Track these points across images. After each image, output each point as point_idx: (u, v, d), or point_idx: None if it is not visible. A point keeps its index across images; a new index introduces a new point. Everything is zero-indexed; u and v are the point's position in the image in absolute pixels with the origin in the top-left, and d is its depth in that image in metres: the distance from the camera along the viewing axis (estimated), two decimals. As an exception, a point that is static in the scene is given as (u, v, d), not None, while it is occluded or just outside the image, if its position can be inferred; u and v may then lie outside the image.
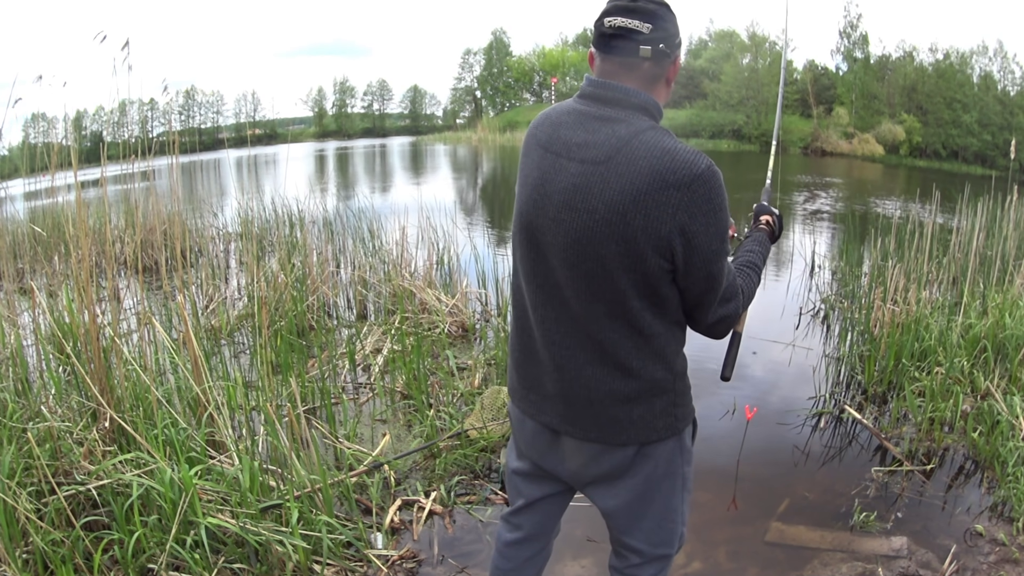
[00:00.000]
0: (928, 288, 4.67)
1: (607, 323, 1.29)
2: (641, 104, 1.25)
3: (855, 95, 31.94)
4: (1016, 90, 29.33)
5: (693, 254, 1.22)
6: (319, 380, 3.39)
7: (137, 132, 19.04)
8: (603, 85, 1.27)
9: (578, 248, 1.24)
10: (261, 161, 19.88)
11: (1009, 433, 2.89)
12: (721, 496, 2.77)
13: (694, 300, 1.30)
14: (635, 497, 1.45)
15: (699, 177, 1.18)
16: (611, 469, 1.41)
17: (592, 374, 1.34)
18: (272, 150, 28.10)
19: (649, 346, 1.31)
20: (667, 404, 1.37)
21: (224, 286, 5.27)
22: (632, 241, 1.20)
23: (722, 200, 1.22)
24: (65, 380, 2.91)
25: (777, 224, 1.70)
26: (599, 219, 1.21)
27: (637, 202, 1.18)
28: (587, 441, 1.39)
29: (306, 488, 2.34)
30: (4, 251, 5.00)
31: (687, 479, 1.50)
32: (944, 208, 6.17)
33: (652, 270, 1.23)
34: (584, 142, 1.24)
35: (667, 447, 1.41)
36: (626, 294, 1.25)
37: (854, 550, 2.38)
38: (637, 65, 1.25)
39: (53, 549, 1.97)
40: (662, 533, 1.50)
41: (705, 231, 1.20)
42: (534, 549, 1.68)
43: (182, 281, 4.50)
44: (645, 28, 1.22)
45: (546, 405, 1.42)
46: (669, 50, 1.26)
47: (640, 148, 1.19)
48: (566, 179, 1.25)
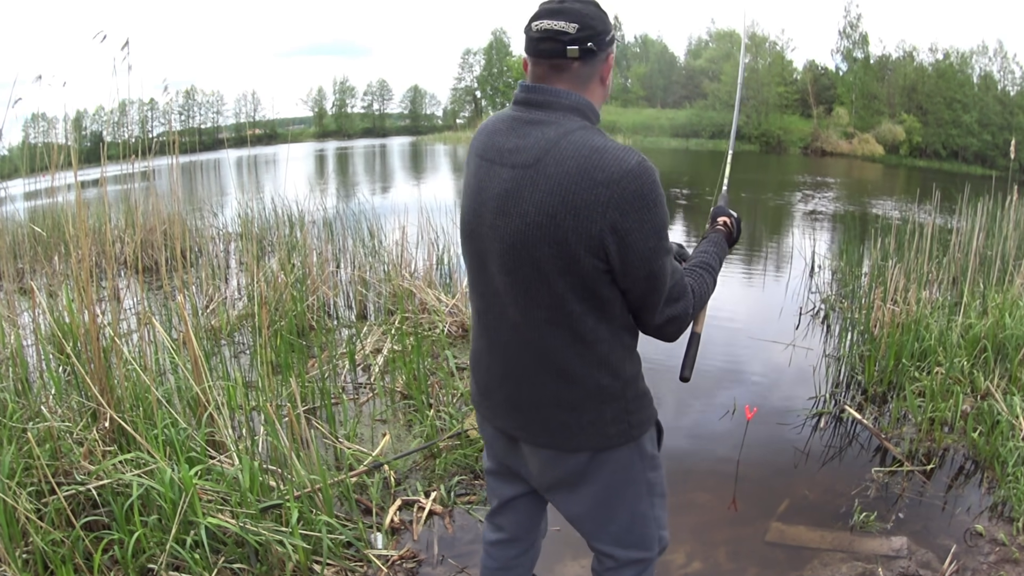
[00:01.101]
0: (928, 288, 4.67)
1: (548, 330, 1.27)
2: (572, 105, 1.24)
3: (855, 95, 31.97)
4: (1016, 90, 29.36)
5: (628, 252, 1.19)
6: (319, 380, 3.39)
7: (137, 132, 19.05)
8: (533, 89, 1.27)
9: (513, 253, 1.23)
10: (261, 161, 19.88)
11: (1009, 433, 2.89)
12: (721, 496, 2.77)
13: (638, 301, 1.28)
14: (596, 505, 1.43)
15: (628, 173, 1.16)
16: (567, 475, 1.40)
17: (538, 381, 1.33)
18: (272, 150, 28.09)
19: (592, 353, 1.28)
20: (618, 411, 1.35)
21: (224, 286, 5.27)
22: (564, 243, 1.18)
23: (656, 196, 1.19)
24: (65, 380, 2.91)
25: (735, 226, 1.66)
26: (530, 222, 1.20)
27: (566, 202, 1.17)
28: (540, 447, 1.39)
29: (306, 488, 2.34)
30: (4, 251, 5.00)
31: (654, 484, 1.47)
32: (944, 208, 6.17)
33: (587, 271, 1.21)
34: (515, 147, 1.24)
35: (623, 454, 1.39)
36: (564, 298, 1.23)
37: (854, 550, 2.38)
38: (566, 66, 1.24)
39: (53, 549, 1.97)
40: (632, 538, 1.49)
41: (639, 228, 1.18)
42: (519, 549, 1.68)
43: (182, 281, 4.50)
44: (572, 28, 1.21)
45: (500, 411, 1.42)
46: (598, 48, 1.24)
47: (568, 148, 1.18)
48: (499, 185, 1.25)
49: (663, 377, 4.10)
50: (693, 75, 37.12)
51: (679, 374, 1.53)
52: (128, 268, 5.78)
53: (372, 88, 50.60)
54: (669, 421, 3.51)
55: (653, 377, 4.41)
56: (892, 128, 30.01)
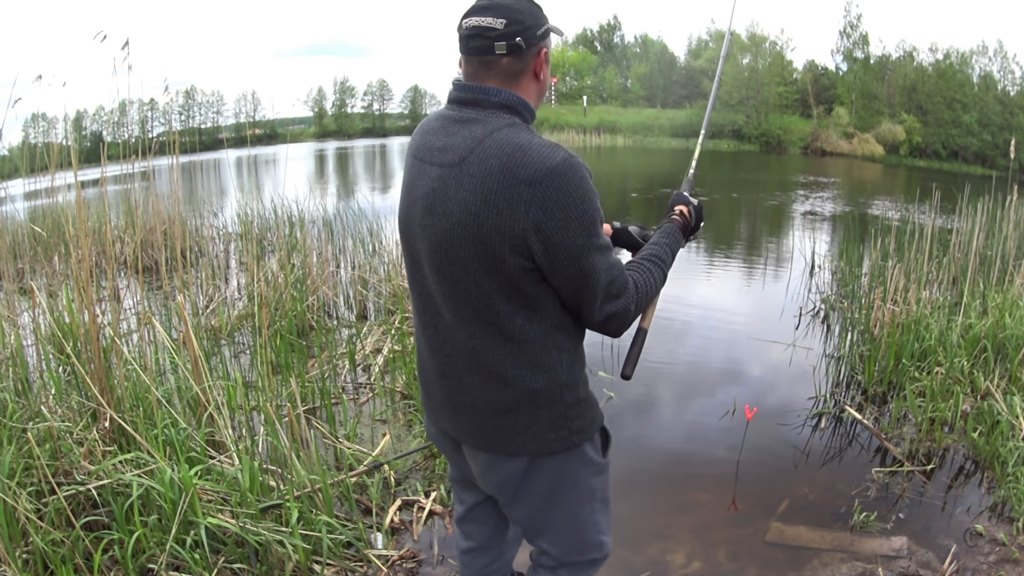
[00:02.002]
0: (928, 288, 4.67)
1: (477, 329, 1.25)
2: (502, 102, 1.23)
3: (855, 95, 31.97)
4: (1016, 90, 29.36)
5: (556, 252, 1.17)
6: (319, 380, 3.39)
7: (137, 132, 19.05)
8: (464, 87, 1.26)
9: (440, 253, 1.22)
10: (261, 161, 19.87)
11: (1009, 433, 2.89)
12: (721, 496, 2.77)
13: (572, 300, 1.25)
14: (536, 511, 1.42)
15: (552, 171, 1.14)
16: (507, 480, 1.37)
17: (472, 382, 1.31)
18: (272, 150, 28.07)
19: (523, 353, 1.26)
20: (557, 416, 1.31)
21: (224, 286, 5.27)
22: (488, 242, 1.17)
23: (583, 193, 1.16)
24: (65, 380, 2.91)
25: (694, 215, 1.59)
26: (455, 221, 1.19)
27: (488, 201, 1.15)
28: (479, 449, 1.37)
29: (306, 488, 2.34)
30: (4, 251, 5.00)
31: (596, 490, 1.43)
32: (944, 208, 6.17)
33: (513, 270, 1.19)
34: (443, 146, 1.24)
35: (564, 461, 1.36)
36: (491, 297, 1.21)
37: (854, 550, 2.38)
38: (495, 63, 1.22)
39: (53, 549, 1.97)
40: (571, 541, 1.47)
41: (565, 227, 1.15)
42: (490, 557, 1.68)
43: (182, 281, 4.50)
44: (499, 24, 1.19)
45: (441, 412, 1.41)
46: (527, 43, 1.22)
47: (492, 146, 1.17)
48: (427, 184, 1.24)
49: (663, 377, 4.12)
50: (693, 75, 37.10)
51: (620, 371, 1.49)
52: (128, 268, 5.78)
53: (372, 88, 50.69)
54: (669, 421, 3.52)
55: (652, 377, 4.40)
56: (892, 128, 30.00)
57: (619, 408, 3.56)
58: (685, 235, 1.56)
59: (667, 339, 4.73)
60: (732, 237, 9.28)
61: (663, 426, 3.45)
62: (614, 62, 41.30)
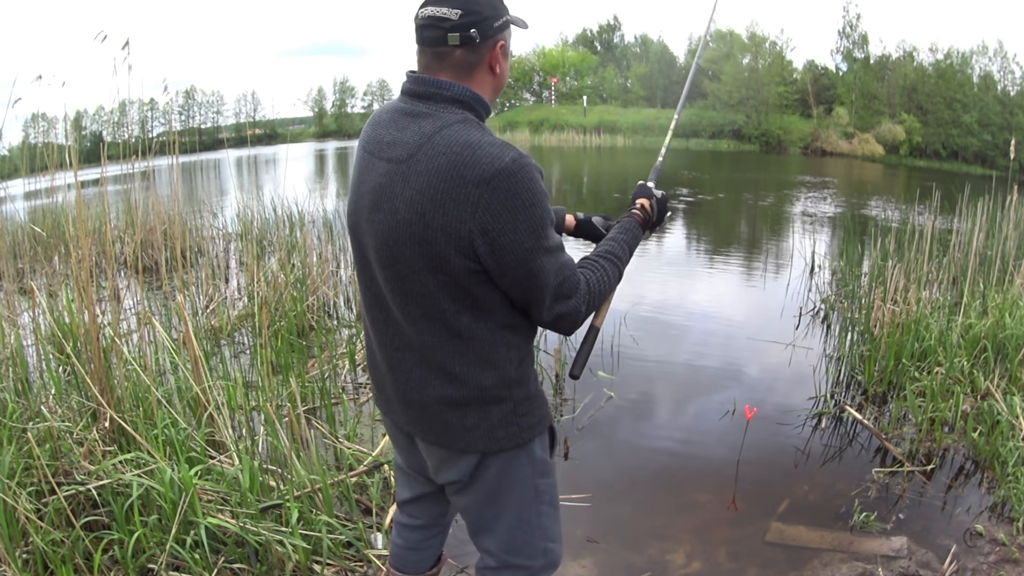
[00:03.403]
0: (928, 288, 4.67)
1: (425, 325, 1.23)
2: (454, 96, 1.19)
3: (855, 95, 31.96)
4: (1016, 90, 29.35)
5: (503, 254, 1.14)
6: (319, 380, 3.39)
7: (137, 132, 19.05)
8: (417, 80, 1.22)
9: (387, 250, 1.20)
10: (261, 161, 19.88)
11: (1009, 433, 2.89)
12: (721, 496, 2.77)
13: (521, 300, 1.23)
14: (482, 506, 1.41)
15: (500, 172, 1.11)
16: (457, 476, 1.37)
17: (420, 377, 1.29)
18: (272, 150, 28.08)
19: (471, 350, 1.24)
20: (506, 413, 1.30)
21: (224, 286, 5.27)
22: (434, 242, 1.15)
23: (533, 194, 1.13)
24: (65, 380, 2.91)
25: (655, 209, 1.54)
26: (401, 219, 1.16)
27: (435, 201, 1.13)
28: (431, 444, 1.36)
29: (306, 488, 2.34)
30: (4, 251, 5.00)
31: (544, 492, 1.42)
32: (944, 209, 6.17)
33: (459, 271, 1.17)
34: (393, 140, 1.21)
35: (512, 458, 1.35)
36: (437, 297, 1.20)
37: (854, 550, 2.38)
38: (448, 54, 1.19)
39: (53, 549, 1.97)
40: (515, 543, 1.45)
41: (512, 229, 1.13)
42: (429, 534, 1.68)
43: (182, 281, 4.50)
44: (454, 15, 1.15)
45: (393, 406, 1.40)
46: (482, 35, 1.18)
47: (441, 144, 1.14)
48: (374, 179, 1.22)
49: (663, 377, 4.12)
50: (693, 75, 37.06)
51: (569, 371, 1.47)
52: (128, 268, 5.78)
53: (372, 88, 50.58)
54: (669, 421, 3.52)
55: (652, 377, 4.41)
56: (892, 128, 29.98)
57: (619, 408, 3.56)
58: (645, 228, 1.53)
59: (667, 339, 4.73)
60: (732, 237, 9.28)
61: (663, 426, 3.45)
62: (614, 62, 41.29)
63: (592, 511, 2.64)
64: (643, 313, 5.19)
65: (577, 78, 42.21)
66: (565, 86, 41.86)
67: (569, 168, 21.35)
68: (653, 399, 3.76)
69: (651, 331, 4.79)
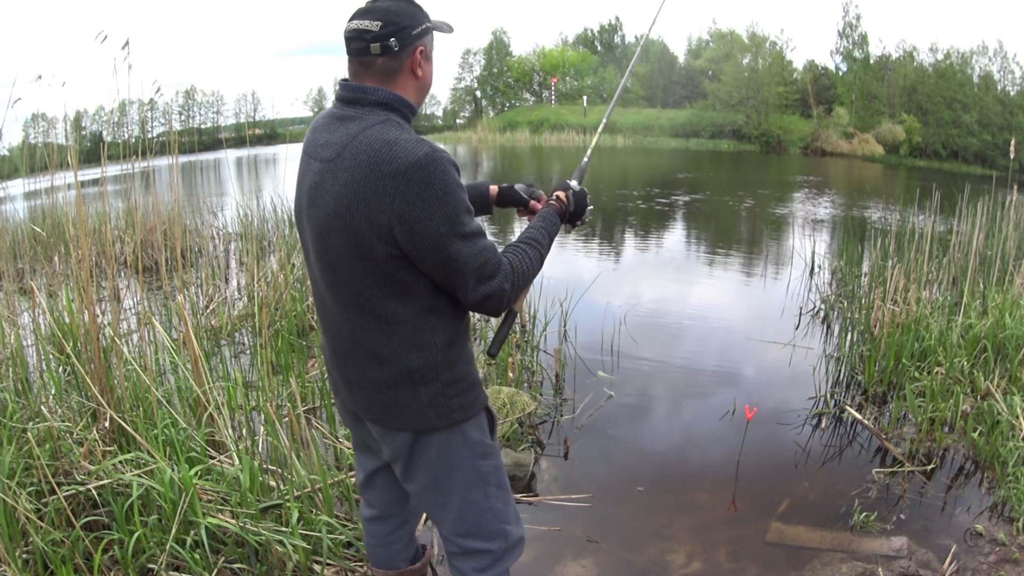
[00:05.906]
0: (928, 288, 4.67)
1: (355, 313, 1.35)
2: (379, 100, 1.31)
3: (855, 95, 31.95)
4: (1016, 90, 29.34)
5: (420, 240, 1.25)
6: (319, 380, 3.39)
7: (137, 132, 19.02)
8: (346, 87, 1.34)
9: (321, 243, 1.33)
10: (261, 161, 19.86)
11: (1009, 433, 2.89)
12: (721, 496, 2.77)
13: (445, 284, 1.33)
14: (426, 487, 1.49)
15: (414, 165, 1.22)
16: (397, 452, 1.46)
17: (355, 362, 1.41)
18: (272, 150, 28.03)
19: (398, 334, 1.34)
20: (435, 395, 1.38)
21: (224, 286, 5.27)
22: (358, 232, 1.26)
23: (445, 184, 1.24)
24: (65, 380, 2.91)
25: (572, 200, 1.65)
26: (330, 213, 1.28)
27: (358, 194, 1.24)
28: (372, 422, 1.47)
29: (306, 488, 2.34)
30: (4, 251, 5.00)
31: (488, 473, 1.49)
32: (944, 209, 6.17)
33: (382, 258, 1.27)
34: (325, 142, 1.33)
35: (445, 438, 1.43)
36: (364, 283, 1.31)
37: (854, 550, 2.38)
38: (372, 63, 1.31)
39: (53, 549, 1.97)
40: (468, 526, 1.51)
41: (427, 216, 1.23)
42: (391, 526, 1.75)
43: (182, 281, 4.50)
44: (375, 26, 1.28)
45: (340, 387, 1.51)
46: (401, 43, 1.30)
47: (363, 143, 1.25)
48: (311, 178, 1.34)
49: (663, 377, 4.11)
50: (693, 75, 37.09)
51: (487, 350, 1.54)
52: (128, 268, 5.78)
53: (372, 88, 50.51)
54: (669, 421, 3.52)
55: (652, 377, 4.40)
56: (892, 128, 29.97)
57: (619, 408, 3.56)
58: (564, 219, 1.63)
59: (667, 339, 4.73)
60: (732, 237, 9.28)
61: (663, 426, 3.45)
62: (614, 62, 41.26)
63: (592, 511, 2.64)
64: (643, 313, 5.19)
65: (577, 78, 42.20)
66: (565, 86, 41.87)
67: (569, 168, 21.33)
68: (653, 399, 3.76)
69: (651, 331, 4.79)
